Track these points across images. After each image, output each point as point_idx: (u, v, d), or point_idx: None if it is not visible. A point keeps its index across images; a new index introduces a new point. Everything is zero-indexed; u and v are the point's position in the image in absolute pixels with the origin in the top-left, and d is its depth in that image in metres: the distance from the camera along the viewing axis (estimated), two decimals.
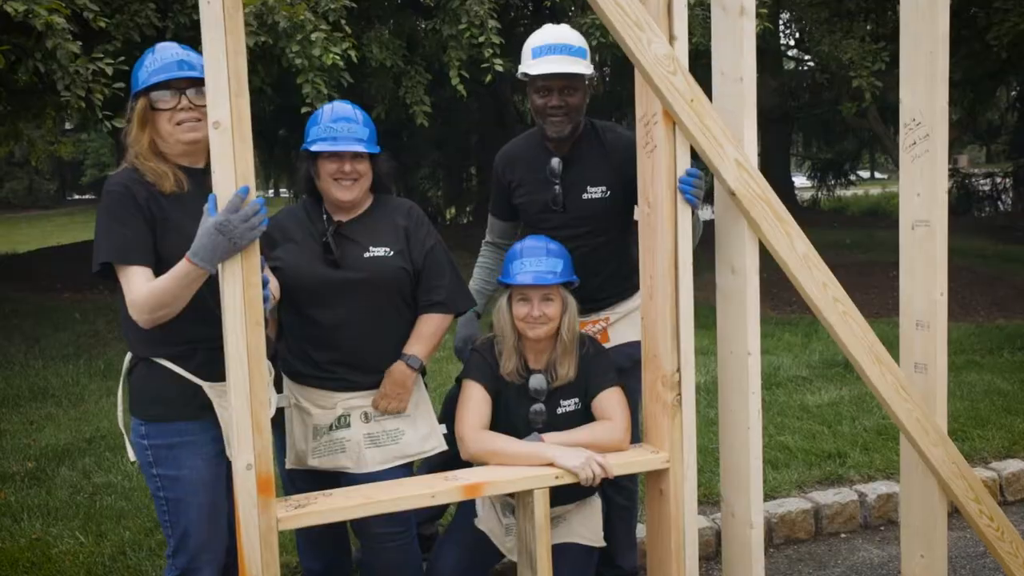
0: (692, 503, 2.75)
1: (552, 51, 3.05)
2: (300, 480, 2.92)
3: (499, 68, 7.07)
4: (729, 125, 2.67)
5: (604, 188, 3.17)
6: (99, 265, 2.39)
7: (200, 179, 2.49)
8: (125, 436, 2.55)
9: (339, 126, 2.80)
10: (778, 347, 7.08)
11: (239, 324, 2.24)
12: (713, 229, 2.82)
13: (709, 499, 4.01)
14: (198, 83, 2.42)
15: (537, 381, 2.94)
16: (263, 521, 2.30)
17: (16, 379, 6.65)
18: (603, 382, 2.95)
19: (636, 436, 2.97)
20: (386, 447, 2.85)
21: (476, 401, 2.90)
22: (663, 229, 2.66)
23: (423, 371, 2.93)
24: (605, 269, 3.19)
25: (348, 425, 2.84)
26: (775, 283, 7.84)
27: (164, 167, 2.46)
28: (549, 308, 2.91)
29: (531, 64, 3.07)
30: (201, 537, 2.47)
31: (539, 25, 3.36)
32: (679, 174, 2.64)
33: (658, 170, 2.66)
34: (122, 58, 5.55)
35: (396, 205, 2.98)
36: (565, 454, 2.69)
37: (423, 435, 2.91)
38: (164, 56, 2.48)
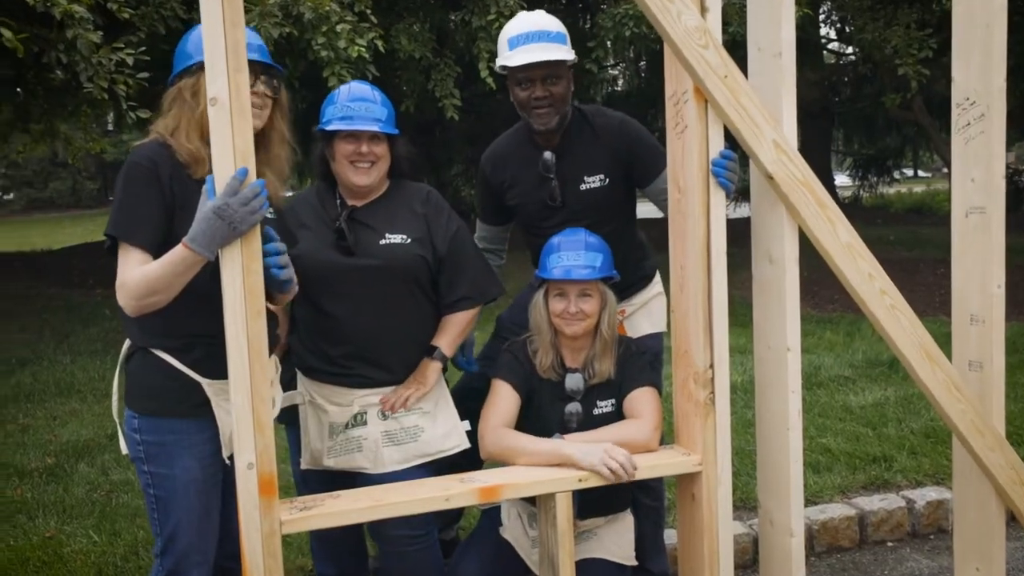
0: (727, 509, 2.57)
1: (529, 39, 2.86)
2: (315, 482, 2.78)
3: None
4: (767, 104, 2.49)
5: (602, 176, 3.00)
6: (108, 238, 2.25)
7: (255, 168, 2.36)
8: (119, 427, 2.43)
9: (356, 105, 2.67)
10: (819, 346, 6.83)
11: (239, 314, 2.11)
12: (749, 220, 2.65)
13: (746, 504, 3.81)
14: (269, 72, 2.33)
15: (573, 381, 2.78)
16: (266, 524, 2.16)
17: (44, 374, 6.62)
18: (637, 381, 2.78)
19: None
20: (405, 445, 2.70)
21: (502, 400, 2.75)
22: (695, 215, 2.48)
23: (444, 359, 2.79)
24: (615, 259, 3.01)
25: (365, 423, 2.69)
26: (815, 280, 7.60)
27: (204, 152, 2.25)
28: (587, 304, 2.75)
29: (508, 56, 2.89)
30: (190, 540, 2.34)
31: (572, 17, 3.21)
32: (712, 156, 2.46)
33: (689, 152, 2.48)
34: (143, 48, 5.48)
35: (414, 190, 2.83)
36: (584, 451, 2.52)
37: (444, 432, 2.76)
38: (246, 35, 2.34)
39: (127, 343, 2.40)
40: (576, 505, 2.58)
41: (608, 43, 8.17)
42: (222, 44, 2.05)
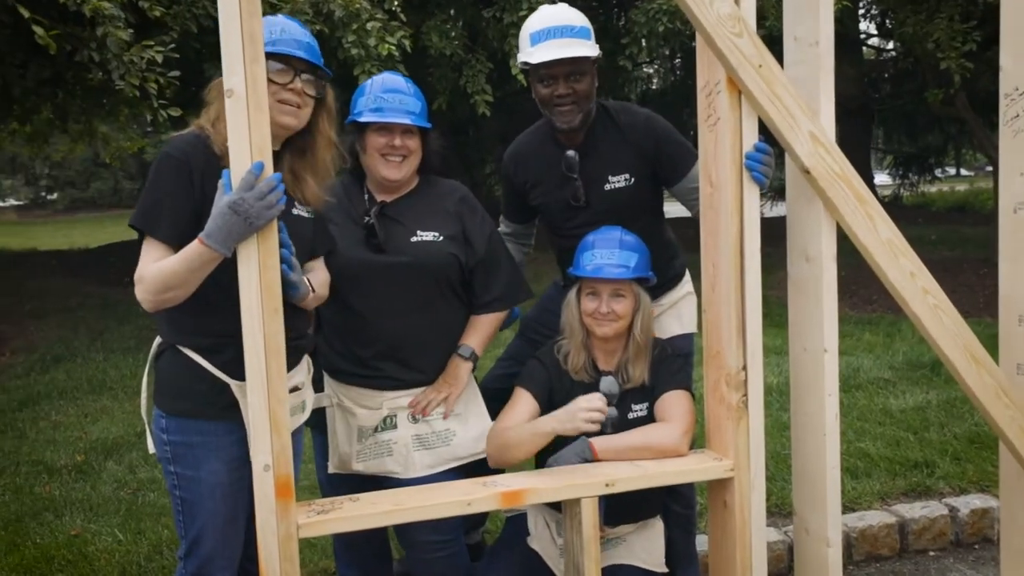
0: (760, 516, 2.47)
1: (552, 35, 2.76)
2: (343, 486, 2.72)
3: None
4: (804, 95, 2.39)
5: (627, 175, 2.89)
6: (136, 231, 2.20)
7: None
8: (147, 425, 2.37)
9: (389, 97, 2.59)
10: (857, 347, 6.66)
11: (256, 311, 2.06)
12: (785, 219, 2.55)
13: (781, 510, 3.70)
14: (313, 71, 2.26)
15: (608, 384, 2.69)
16: (282, 527, 2.11)
17: (77, 371, 6.67)
18: (669, 384, 2.69)
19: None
20: (436, 449, 2.64)
21: (517, 407, 2.67)
22: (727, 211, 2.39)
23: (475, 359, 2.72)
24: None
25: (395, 426, 2.63)
26: (853, 279, 7.42)
27: None
28: (619, 305, 2.66)
29: (531, 52, 2.79)
30: (214, 544, 2.28)
31: (607, 12, 3.11)
32: (745, 149, 2.36)
33: (721, 145, 2.39)
34: (172, 45, 5.47)
35: (447, 188, 2.76)
36: (561, 418, 2.48)
37: (475, 435, 2.69)
38: (290, 30, 2.27)
39: (157, 340, 2.34)
40: (603, 511, 2.51)
41: (642, 40, 8.06)
42: (238, 34, 2.00)
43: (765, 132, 2.39)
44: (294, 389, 2.36)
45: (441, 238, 2.63)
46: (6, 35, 5.62)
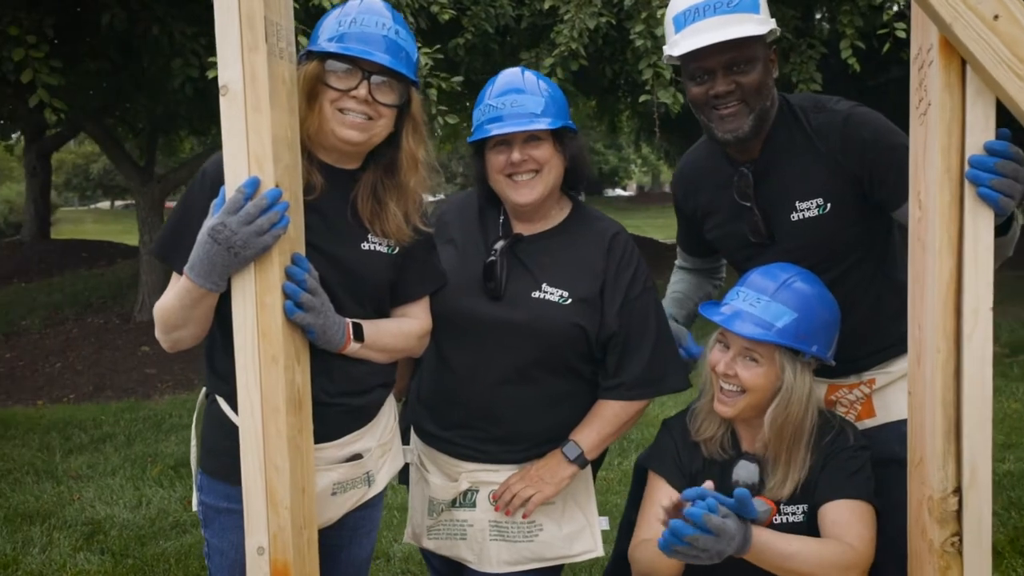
0: None
1: (701, 14, 1.97)
2: (433, 556, 2.30)
3: (901, 35, 5.63)
4: None
5: (820, 200, 2.05)
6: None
7: (346, 183, 1.89)
8: (194, 478, 2.08)
9: (500, 102, 2.04)
10: None
11: (251, 358, 1.69)
12: None
13: None
14: (391, 75, 1.81)
15: (746, 472, 1.96)
16: None
17: None
18: (842, 489, 1.87)
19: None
20: (516, 543, 2.10)
21: (656, 509, 2.01)
22: (936, 247, 1.54)
23: (584, 463, 2.09)
24: (856, 311, 2.05)
25: (473, 504, 2.12)
26: None
27: (303, 164, 1.81)
28: (747, 371, 1.92)
29: (676, 41, 2.03)
30: None
31: None
32: (970, 151, 1.50)
33: (931, 144, 1.54)
34: (438, 45, 5.28)
35: (598, 232, 2.14)
36: None
37: (570, 533, 2.10)
38: (366, 21, 1.81)
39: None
40: None
41: None
42: (236, 17, 1.63)
43: (1014, 124, 1.51)
44: (355, 457, 1.95)
45: (569, 300, 2.03)
46: None
